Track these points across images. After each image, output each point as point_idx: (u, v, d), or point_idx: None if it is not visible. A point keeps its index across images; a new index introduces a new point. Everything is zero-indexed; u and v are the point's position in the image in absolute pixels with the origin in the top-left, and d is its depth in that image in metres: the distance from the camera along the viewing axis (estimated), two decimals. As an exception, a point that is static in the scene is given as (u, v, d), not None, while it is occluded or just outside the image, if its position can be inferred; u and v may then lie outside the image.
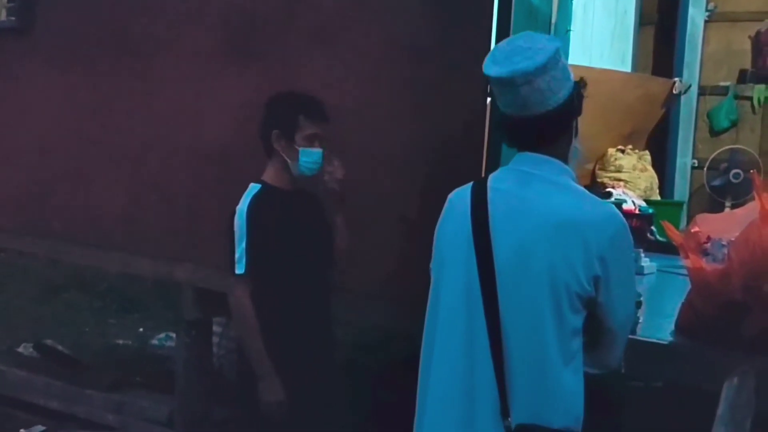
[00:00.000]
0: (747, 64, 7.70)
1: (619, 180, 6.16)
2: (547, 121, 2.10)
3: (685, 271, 3.46)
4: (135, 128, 4.27)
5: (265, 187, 3.13)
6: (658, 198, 6.47)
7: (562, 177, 2.18)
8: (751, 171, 5.65)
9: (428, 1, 3.32)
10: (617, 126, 6.42)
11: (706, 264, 2.82)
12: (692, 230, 2.97)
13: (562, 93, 2.09)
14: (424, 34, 3.31)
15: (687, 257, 2.84)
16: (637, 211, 5.42)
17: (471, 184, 2.23)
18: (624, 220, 2.21)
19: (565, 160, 2.22)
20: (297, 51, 3.62)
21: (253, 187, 3.14)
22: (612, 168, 6.26)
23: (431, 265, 2.26)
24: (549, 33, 3.71)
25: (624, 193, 5.65)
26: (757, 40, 7.53)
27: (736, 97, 7.73)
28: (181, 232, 4.07)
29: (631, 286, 2.26)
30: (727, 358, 2.77)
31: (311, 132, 3.08)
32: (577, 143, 2.25)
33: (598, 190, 5.74)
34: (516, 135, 2.19)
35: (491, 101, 2.43)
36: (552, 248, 2.05)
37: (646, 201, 5.88)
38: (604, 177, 6.22)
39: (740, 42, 7.72)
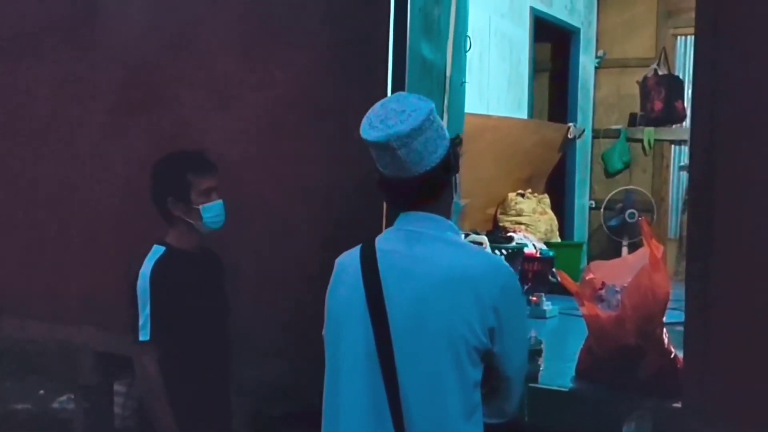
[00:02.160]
0: (636, 108, 8.08)
1: (520, 224, 6.30)
2: (427, 181, 2.13)
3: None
4: (29, 188, 4.15)
5: (170, 249, 3.03)
6: (559, 240, 6.63)
7: (447, 233, 2.21)
8: (640, 218, 5.88)
9: (323, 58, 3.33)
10: (516, 171, 6.60)
11: (601, 311, 2.90)
12: (587, 277, 3.05)
13: (439, 152, 2.13)
14: (319, 91, 3.31)
15: (583, 305, 2.93)
16: (538, 255, 5.53)
17: (358, 247, 2.24)
18: (511, 269, 2.25)
19: (448, 216, 2.26)
20: (194, 110, 3.58)
21: (157, 250, 3.03)
22: (513, 212, 6.39)
23: (324, 332, 2.25)
24: (444, 86, 3.79)
25: (525, 237, 5.77)
26: (644, 85, 7.91)
27: (628, 139, 8.08)
28: (80, 295, 3.95)
29: (524, 332, 2.30)
30: (626, 401, 2.85)
31: (205, 186, 3.00)
32: (457, 198, 2.29)
33: (500, 234, 5.85)
34: (398, 196, 2.22)
35: None
36: (446, 304, 2.07)
37: (547, 243, 6.02)
38: (505, 221, 6.35)
39: (629, 87, 8.11)
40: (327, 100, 3.29)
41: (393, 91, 3.27)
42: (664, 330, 2.94)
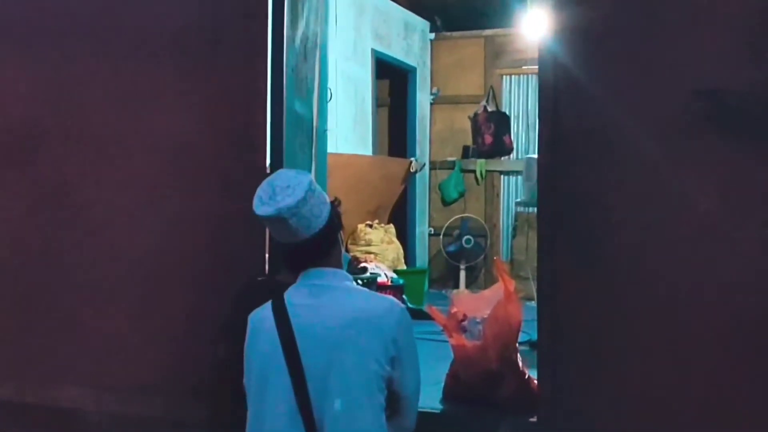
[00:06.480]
0: (469, 141, 8.67)
1: (370, 253, 6.67)
2: (317, 241, 2.49)
3: (438, 336, 3.97)
4: None
5: None
6: (404, 267, 7.06)
7: (344, 282, 2.58)
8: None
9: (204, 117, 3.46)
10: (365, 203, 6.98)
11: (467, 341, 3.30)
12: (452, 311, 3.45)
13: (324, 215, 2.50)
14: (200, 146, 3.45)
15: (451, 336, 3.32)
16: (389, 283, 5.93)
17: (270, 303, 2.54)
18: (402, 305, 2.61)
19: (340, 267, 2.63)
20: (75, 164, 3.62)
21: None
22: (363, 242, 6.76)
23: (245, 381, 2.52)
24: (312, 135, 4.08)
25: (377, 266, 6.15)
26: (475, 120, 8.50)
27: (462, 170, 8.65)
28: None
29: (417, 357, 2.66)
30: (490, 419, 3.25)
31: None
32: (344, 250, 2.65)
33: (353, 264, 6.19)
34: (294, 258, 2.57)
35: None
36: (355, 344, 2.40)
37: (395, 271, 6.43)
38: (356, 251, 6.71)
39: (462, 122, 8.69)
40: (209, 158, 3.45)
41: (272, 143, 3.51)
42: (518, 354, 3.39)
